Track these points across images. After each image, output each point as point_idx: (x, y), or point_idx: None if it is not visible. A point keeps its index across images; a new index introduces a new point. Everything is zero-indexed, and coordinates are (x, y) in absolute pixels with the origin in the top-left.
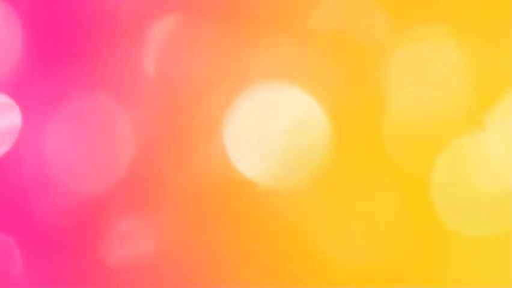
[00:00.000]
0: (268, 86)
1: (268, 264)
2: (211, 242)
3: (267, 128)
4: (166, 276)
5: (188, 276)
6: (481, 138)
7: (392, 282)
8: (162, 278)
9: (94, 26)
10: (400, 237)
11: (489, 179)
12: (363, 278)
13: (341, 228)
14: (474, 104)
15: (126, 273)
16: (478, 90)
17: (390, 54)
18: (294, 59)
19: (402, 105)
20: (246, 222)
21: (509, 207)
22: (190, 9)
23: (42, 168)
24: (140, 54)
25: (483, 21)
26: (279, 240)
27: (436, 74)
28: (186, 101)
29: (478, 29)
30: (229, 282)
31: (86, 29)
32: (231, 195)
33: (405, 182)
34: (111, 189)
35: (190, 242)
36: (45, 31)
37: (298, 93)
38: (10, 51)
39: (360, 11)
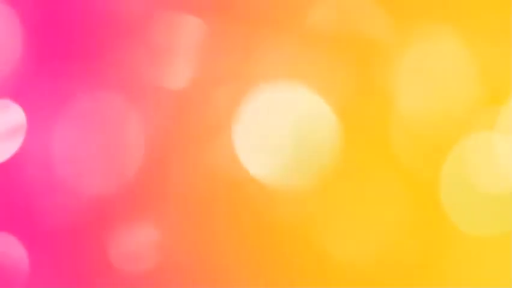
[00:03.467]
0: (276, 86)
1: (276, 264)
2: (219, 242)
3: (275, 128)
4: (173, 276)
5: (195, 276)
6: (489, 138)
7: (399, 283)
8: (169, 278)
9: (100, 25)
10: (408, 237)
11: (498, 179)
12: (370, 278)
13: (348, 228)
14: (482, 103)
15: (133, 274)
16: (487, 89)
17: (398, 53)
18: (302, 58)
19: (410, 105)
20: (254, 222)
21: None
22: (198, 10)
23: (49, 170)
24: (147, 54)
25: (492, 20)
26: (286, 240)
27: (444, 73)
28: (194, 101)
29: (486, 27)
30: (237, 283)
31: (93, 28)
32: (239, 195)
33: (414, 182)
34: (119, 190)
35: (198, 243)
36: (51, 31)
37: (307, 92)
38: (13, 52)
39: (367, 10)
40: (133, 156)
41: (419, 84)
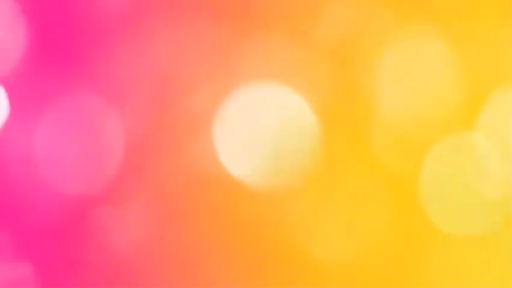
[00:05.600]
0: (258, 86)
1: (257, 264)
2: (199, 242)
3: (257, 128)
4: (154, 275)
5: (176, 275)
6: (470, 138)
7: (381, 283)
8: (151, 277)
9: (82, 26)
10: (389, 237)
11: (478, 179)
12: (352, 279)
13: (329, 228)
14: (464, 104)
15: (115, 271)
16: (468, 90)
17: (379, 53)
18: (284, 59)
19: (392, 105)
20: (235, 223)
21: (499, 207)
22: (180, 9)
23: (31, 168)
24: (129, 54)
25: (474, 21)
26: (267, 240)
27: (426, 73)
28: (176, 101)
29: (468, 28)
30: (217, 283)
31: (75, 29)
32: (220, 195)
33: (395, 182)
34: (100, 188)
35: (179, 242)
36: (34, 32)
37: (288, 93)
38: (13, 52)
39: (350, 11)
40: (115, 155)
41: (400, 85)
